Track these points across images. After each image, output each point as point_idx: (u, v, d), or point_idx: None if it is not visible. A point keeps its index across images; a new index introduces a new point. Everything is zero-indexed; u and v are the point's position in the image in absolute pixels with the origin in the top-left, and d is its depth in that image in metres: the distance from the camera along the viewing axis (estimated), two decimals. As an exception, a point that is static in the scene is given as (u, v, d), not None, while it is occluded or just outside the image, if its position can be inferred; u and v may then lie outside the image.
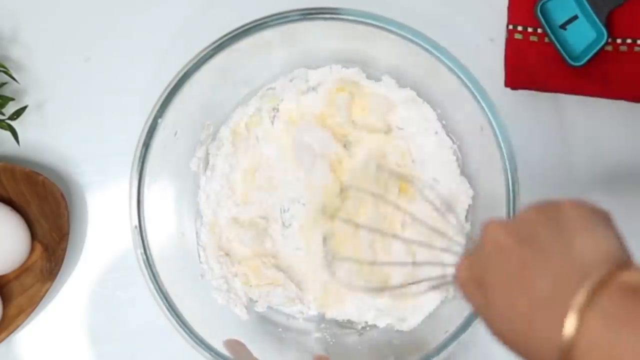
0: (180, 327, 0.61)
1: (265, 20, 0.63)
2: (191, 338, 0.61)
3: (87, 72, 0.73)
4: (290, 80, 0.70)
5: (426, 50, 0.62)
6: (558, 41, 0.71)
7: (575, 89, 0.71)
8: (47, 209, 0.70)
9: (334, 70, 0.69)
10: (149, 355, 0.71)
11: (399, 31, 0.62)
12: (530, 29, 0.72)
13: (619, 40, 0.71)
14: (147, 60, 0.72)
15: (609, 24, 0.70)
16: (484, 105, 0.62)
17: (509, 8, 0.72)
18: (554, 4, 0.71)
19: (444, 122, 0.69)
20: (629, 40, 0.71)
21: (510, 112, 0.71)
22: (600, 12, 0.70)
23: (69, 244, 0.69)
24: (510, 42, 0.72)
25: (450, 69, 0.62)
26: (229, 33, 0.62)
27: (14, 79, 0.70)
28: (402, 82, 0.69)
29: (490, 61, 0.72)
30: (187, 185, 0.69)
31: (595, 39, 0.70)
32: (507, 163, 0.62)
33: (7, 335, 0.68)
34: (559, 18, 0.71)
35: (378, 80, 0.69)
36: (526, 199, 0.67)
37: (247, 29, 0.63)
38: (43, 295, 0.69)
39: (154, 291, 0.62)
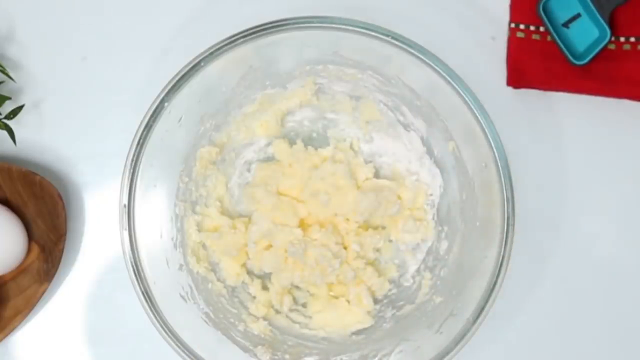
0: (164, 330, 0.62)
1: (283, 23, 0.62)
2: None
3: (84, 71, 0.72)
4: None
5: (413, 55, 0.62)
6: (561, 39, 0.70)
7: (578, 87, 0.71)
8: (44, 210, 0.69)
9: None
10: (146, 357, 0.70)
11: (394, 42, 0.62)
12: (532, 28, 0.71)
13: (622, 39, 0.71)
14: (144, 60, 0.72)
15: (612, 22, 0.70)
16: (474, 108, 0.62)
17: (511, 6, 0.72)
18: (557, 2, 0.70)
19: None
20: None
21: (511, 111, 0.71)
22: (604, 10, 0.70)
23: (65, 245, 0.69)
24: (512, 40, 0.71)
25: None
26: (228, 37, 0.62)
27: (10, 77, 0.70)
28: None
29: (491, 60, 0.72)
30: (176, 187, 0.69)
31: (598, 38, 0.70)
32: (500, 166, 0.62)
33: (4, 337, 0.68)
34: (562, 16, 0.71)
35: None
36: (527, 198, 0.66)
37: (263, 29, 0.62)
38: (40, 297, 0.68)
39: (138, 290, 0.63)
